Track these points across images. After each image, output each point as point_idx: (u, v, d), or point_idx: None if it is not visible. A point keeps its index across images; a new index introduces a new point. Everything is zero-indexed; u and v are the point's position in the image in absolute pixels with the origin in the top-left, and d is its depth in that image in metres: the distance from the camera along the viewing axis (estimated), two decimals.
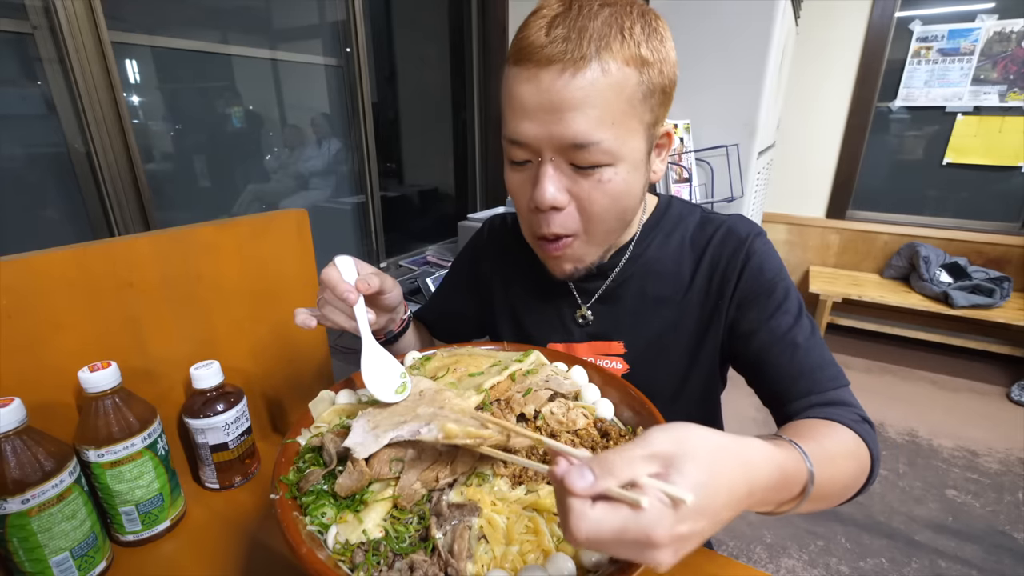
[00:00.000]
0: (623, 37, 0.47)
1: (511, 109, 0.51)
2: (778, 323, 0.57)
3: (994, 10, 2.30)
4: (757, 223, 0.64)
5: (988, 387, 2.31)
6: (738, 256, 0.60)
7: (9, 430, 0.43)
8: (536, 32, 0.48)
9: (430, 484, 0.40)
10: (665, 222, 0.65)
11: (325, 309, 0.53)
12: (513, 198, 0.58)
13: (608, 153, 0.49)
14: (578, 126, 0.48)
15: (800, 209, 2.81)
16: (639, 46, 0.48)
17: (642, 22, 0.49)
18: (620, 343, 0.65)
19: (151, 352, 0.61)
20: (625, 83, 0.48)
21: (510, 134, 0.52)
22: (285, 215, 0.75)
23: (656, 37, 0.50)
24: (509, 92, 0.51)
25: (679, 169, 1.76)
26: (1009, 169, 2.43)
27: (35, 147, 1.33)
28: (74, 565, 0.47)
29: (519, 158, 0.53)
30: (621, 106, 0.48)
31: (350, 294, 0.50)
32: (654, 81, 0.50)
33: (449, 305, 0.82)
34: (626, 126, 0.50)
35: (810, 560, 1.42)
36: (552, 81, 0.47)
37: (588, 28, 0.47)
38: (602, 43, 0.47)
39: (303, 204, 2.16)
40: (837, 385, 0.55)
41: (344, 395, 0.52)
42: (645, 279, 0.64)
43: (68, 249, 0.54)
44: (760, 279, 0.59)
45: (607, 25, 0.47)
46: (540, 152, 0.51)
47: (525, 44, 0.48)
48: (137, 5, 1.47)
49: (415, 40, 2.58)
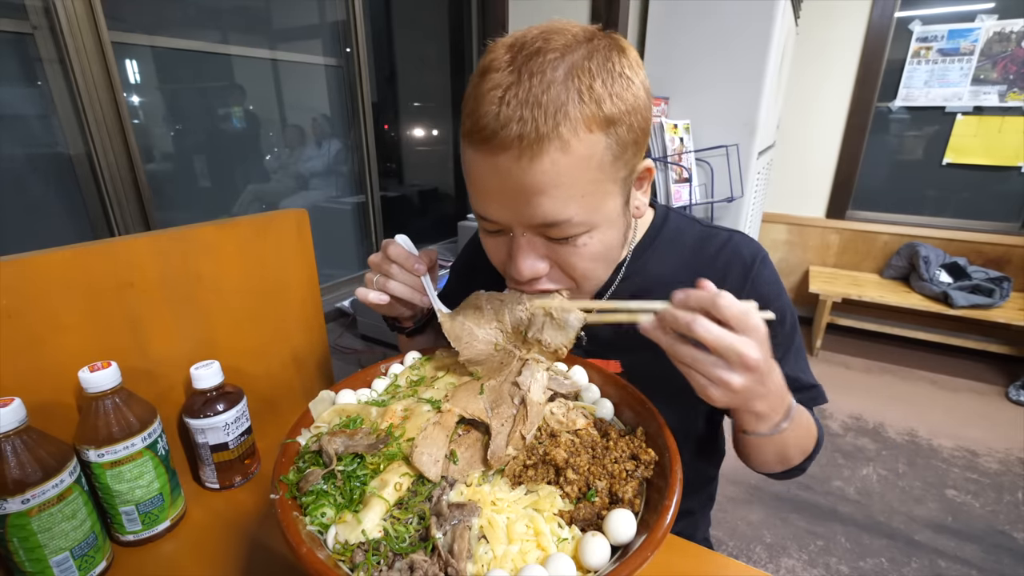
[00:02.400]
0: (583, 101, 0.42)
1: (474, 188, 0.49)
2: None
3: (994, 10, 2.30)
4: (758, 242, 0.63)
5: (988, 387, 2.31)
6: (744, 282, 0.59)
7: (9, 430, 0.43)
8: (487, 108, 0.43)
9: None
10: (662, 239, 0.63)
11: (390, 284, 0.56)
12: (491, 260, 0.56)
13: (582, 224, 0.47)
14: (545, 208, 0.45)
15: (800, 209, 2.81)
16: (602, 105, 0.43)
17: (603, 73, 0.43)
18: (617, 362, 0.64)
19: (151, 352, 0.61)
20: (591, 153, 0.44)
21: (478, 210, 0.50)
22: (285, 215, 0.75)
23: (621, 84, 0.44)
24: (468, 171, 0.48)
25: (679, 169, 1.76)
26: (1009, 169, 2.43)
27: (35, 147, 1.34)
28: (74, 565, 0.47)
29: (491, 229, 0.52)
30: (589, 177, 0.45)
31: (420, 265, 0.55)
32: (624, 138, 0.45)
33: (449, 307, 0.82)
34: (598, 193, 0.47)
35: (810, 560, 1.42)
36: (510, 167, 0.43)
37: (542, 101, 0.41)
38: (560, 115, 0.41)
39: (303, 204, 2.16)
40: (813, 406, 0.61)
41: (344, 395, 0.52)
42: (642, 297, 0.63)
43: (68, 249, 0.54)
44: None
45: (564, 90, 0.42)
46: (510, 229, 0.49)
47: (479, 125, 0.43)
48: (137, 5, 1.47)
49: (415, 40, 2.58)
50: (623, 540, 0.36)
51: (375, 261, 0.58)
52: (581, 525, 0.38)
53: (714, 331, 0.38)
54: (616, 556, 0.36)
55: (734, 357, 0.39)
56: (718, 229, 0.64)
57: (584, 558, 0.35)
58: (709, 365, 0.40)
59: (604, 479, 0.41)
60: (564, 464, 0.41)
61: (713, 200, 1.84)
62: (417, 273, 0.56)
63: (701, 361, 0.40)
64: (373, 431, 0.45)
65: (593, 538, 0.35)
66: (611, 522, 0.37)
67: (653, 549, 0.33)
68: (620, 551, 0.36)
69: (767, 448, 0.53)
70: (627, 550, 0.35)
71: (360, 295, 0.57)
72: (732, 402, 0.42)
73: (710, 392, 0.41)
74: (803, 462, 0.58)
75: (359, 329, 2.29)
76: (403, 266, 0.55)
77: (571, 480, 0.41)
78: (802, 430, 0.54)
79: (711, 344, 0.39)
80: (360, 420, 0.47)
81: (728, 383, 0.39)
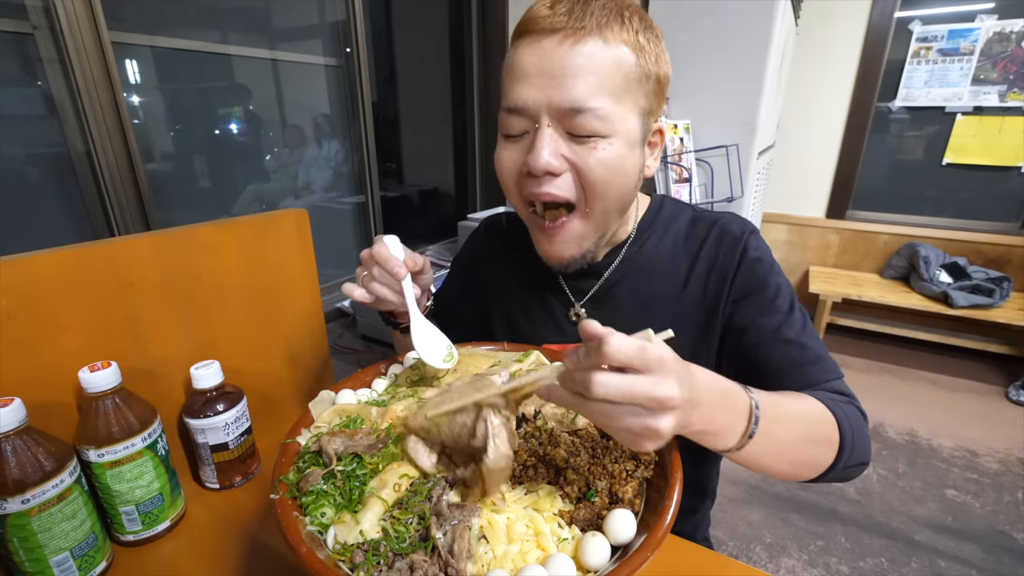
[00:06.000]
0: (623, 21, 0.50)
1: (511, 77, 0.52)
2: (768, 320, 0.57)
3: (994, 10, 2.30)
4: (748, 219, 0.64)
5: (988, 387, 2.31)
6: (734, 254, 0.60)
7: (9, 430, 0.43)
8: (540, 6, 0.51)
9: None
10: (659, 222, 0.65)
11: (372, 284, 0.56)
12: (504, 174, 0.57)
13: (604, 121, 0.50)
14: (577, 90, 0.49)
15: (800, 209, 2.81)
16: (637, 34, 0.51)
17: (639, 16, 0.52)
18: None
19: (151, 352, 0.61)
20: (623, 60, 0.50)
21: (509, 102, 0.52)
22: (285, 215, 0.75)
23: (652, 34, 0.52)
24: (510, 62, 0.53)
25: (679, 169, 1.76)
26: (1009, 169, 2.42)
27: (36, 147, 1.34)
28: (74, 565, 0.47)
29: (515, 129, 0.53)
30: (618, 80, 0.50)
31: (400, 269, 0.54)
32: (649, 68, 0.52)
33: (447, 304, 0.82)
34: (622, 101, 0.51)
35: (810, 560, 1.42)
36: (554, 48, 0.49)
37: (591, 6, 0.49)
38: (603, 20, 0.49)
39: (303, 204, 2.16)
40: (830, 378, 0.55)
41: (344, 395, 0.52)
42: (639, 279, 0.64)
43: (68, 249, 0.54)
44: (754, 276, 0.59)
45: (609, 9, 0.50)
46: (537, 118, 0.51)
47: (529, 17, 0.51)
48: (137, 5, 1.47)
49: (415, 40, 2.58)
50: (623, 540, 0.36)
51: (364, 257, 0.58)
52: (581, 525, 0.38)
53: (614, 384, 0.32)
54: (616, 556, 0.36)
55: (650, 404, 0.32)
56: (709, 211, 0.66)
57: (584, 558, 0.35)
58: (627, 417, 0.33)
59: (604, 479, 0.41)
60: (564, 464, 0.41)
61: (713, 200, 1.84)
62: (397, 277, 0.55)
63: (617, 415, 0.33)
64: (373, 431, 0.45)
65: (593, 538, 0.35)
66: (611, 522, 0.37)
67: (653, 549, 0.33)
68: (620, 551, 0.36)
69: (760, 458, 0.45)
70: (627, 550, 0.35)
71: (346, 290, 0.57)
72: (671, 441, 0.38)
73: (641, 445, 0.34)
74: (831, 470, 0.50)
75: (359, 329, 2.29)
76: (384, 268, 0.55)
77: (571, 480, 0.41)
78: (794, 423, 0.47)
79: (622, 400, 0.32)
80: (360, 420, 0.47)
81: (656, 430, 0.33)
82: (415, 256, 0.58)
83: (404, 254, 0.56)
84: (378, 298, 0.56)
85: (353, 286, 0.57)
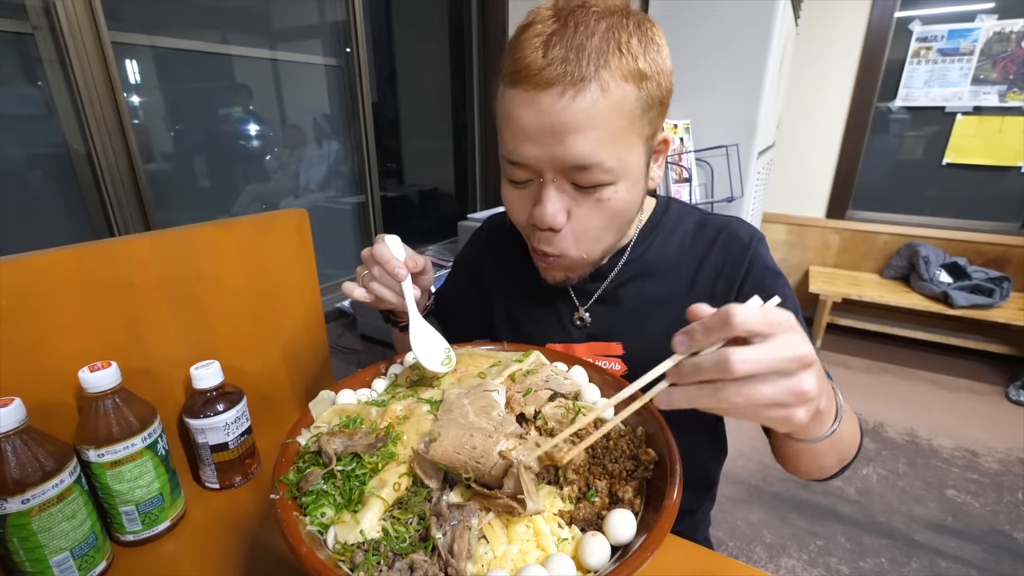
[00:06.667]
0: (621, 52, 0.47)
1: (511, 131, 0.50)
2: None
3: (994, 10, 2.30)
4: (755, 226, 0.64)
5: (988, 387, 2.31)
6: (742, 262, 0.60)
7: (9, 430, 0.43)
8: (532, 52, 0.47)
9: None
10: (664, 224, 0.65)
11: (372, 284, 0.55)
12: (510, 213, 0.58)
13: (609, 172, 0.50)
14: (580, 148, 0.47)
15: (800, 209, 2.81)
16: (637, 60, 0.47)
17: (639, 34, 0.48)
18: (619, 344, 0.65)
19: (151, 352, 0.61)
20: (624, 100, 0.48)
21: (510, 156, 0.52)
22: (285, 215, 0.75)
23: (653, 48, 0.49)
24: (508, 114, 0.50)
25: (679, 169, 1.76)
26: (1009, 169, 2.43)
27: (35, 147, 1.33)
28: (74, 565, 0.47)
29: (519, 178, 0.53)
30: (621, 124, 0.48)
31: (400, 270, 0.54)
32: (652, 95, 0.50)
33: (449, 304, 0.82)
34: (626, 143, 0.50)
35: (810, 560, 1.42)
36: (552, 104, 0.46)
37: (586, 46, 0.46)
38: (600, 61, 0.46)
39: (303, 204, 2.16)
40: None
41: (344, 395, 0.52)
42: (644, 281, 0.64)
43: (68, 249, 0.54)
44: (763, 286, 0.59)
45: (604, 41, 0.46)
46: (541, 173, 0.51)
47: (522, 65, 0.47)
48: (137, 5, 1.47)
49: (415, 40, 2.58)
50: (623, 540, 0.36)
51: (364, 256, 0.58)
52: (581, 525, 0.38)
53: (753, 355, 0.30)
54: (616, 556, 0.36)
55: (790, 365, 0.31)
56: (716, 216, 0.66)
57: (584, 558, 0.35)
58: (769, 387, 0.31)
59: (604, 479, 0.41)
60: (564, 464, 0.41)
61: (713, 200, 1.84)
62: (397, 278, 0.55)
63: (761, 389, 0.31)
64: (372, 431, 0.45)
65: (593, 538, 0.35)
66: (611, 522, 0.37)
67: (653, 549, 0.33)
68: (620, 551, 0.36)
69: (827, 451, 0.45)
70: (627, 550, 0.35)
71: (346, 289, 0.57)
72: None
73: (793, 415, 0.32)
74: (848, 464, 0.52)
75: (359, 329, 2.29)
76: (384, 268, 0.55)
77: (571, 480, 0.41)
78: (850, 415, 0.48)
79: (765, 370, 0.31)
80: (360, 420, 0.47)
81: (804, 391, 0.31)
82: (416, 256, 0.58)
83: (405, 254, 0.56)
84: (378, 298, 0.56)
85: (353, 285, 0.57)
